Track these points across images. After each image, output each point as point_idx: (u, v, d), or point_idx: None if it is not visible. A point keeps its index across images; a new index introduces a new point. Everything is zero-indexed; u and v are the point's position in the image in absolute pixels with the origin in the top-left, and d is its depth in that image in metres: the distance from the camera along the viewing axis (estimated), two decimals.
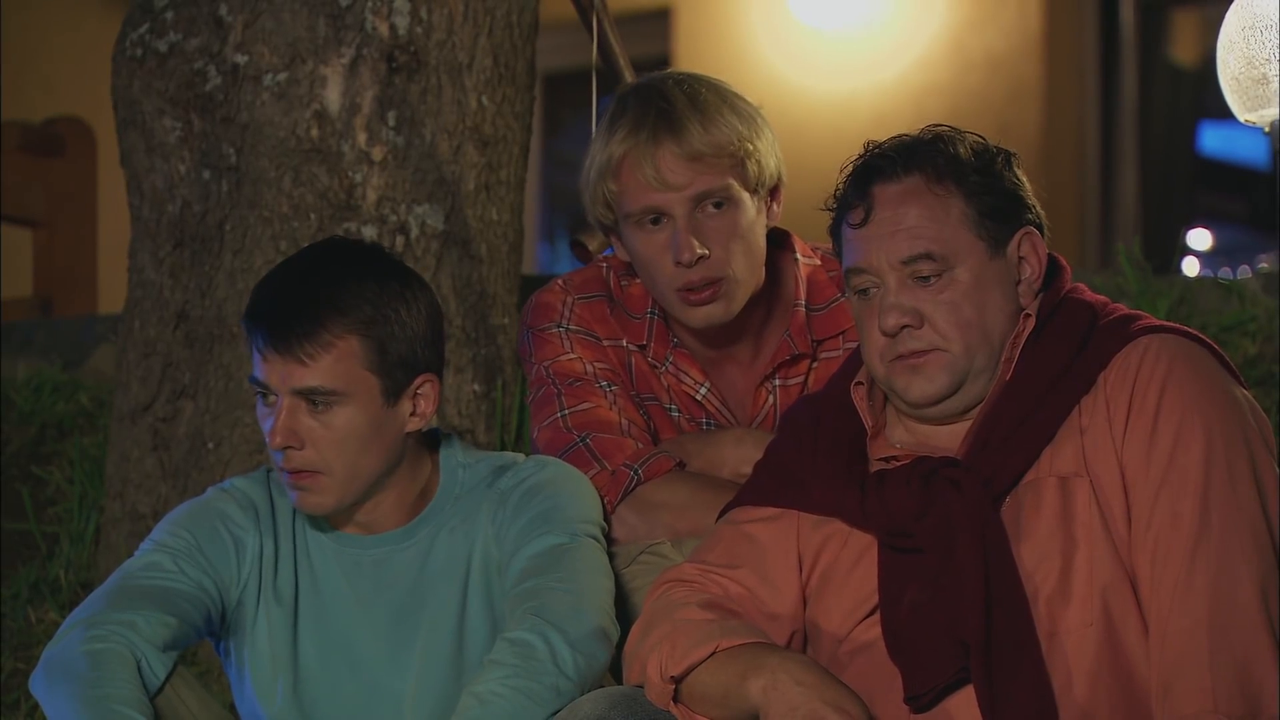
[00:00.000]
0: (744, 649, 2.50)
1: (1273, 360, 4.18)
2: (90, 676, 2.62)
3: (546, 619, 2.66)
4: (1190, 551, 2.43)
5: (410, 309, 2.78)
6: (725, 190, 3.02)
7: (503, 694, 2.58)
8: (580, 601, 2.71)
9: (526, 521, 2.82)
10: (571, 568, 2.76)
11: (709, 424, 3.15)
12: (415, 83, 3.77)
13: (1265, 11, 3.31)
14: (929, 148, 2.58)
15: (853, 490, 2.58)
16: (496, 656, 2.63)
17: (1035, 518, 2.51)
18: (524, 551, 2.79)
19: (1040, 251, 2.59)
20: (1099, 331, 2.57)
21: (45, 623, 4.00)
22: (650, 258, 3.05)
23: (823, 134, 7.96)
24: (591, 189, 3.08)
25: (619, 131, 3.04)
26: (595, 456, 3.03)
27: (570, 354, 3.14)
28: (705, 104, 3.03)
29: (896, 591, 2.52)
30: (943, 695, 2.48)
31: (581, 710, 2.52)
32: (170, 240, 3.80)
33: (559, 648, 2.63)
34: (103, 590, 2.77)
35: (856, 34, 8.31)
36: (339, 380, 2.72)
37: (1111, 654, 2.46)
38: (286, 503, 2.85)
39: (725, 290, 3.03)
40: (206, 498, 2.88)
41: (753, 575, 2.64)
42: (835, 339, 3.14)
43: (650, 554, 2.94)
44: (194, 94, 3.76)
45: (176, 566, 2.78)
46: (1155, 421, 2.49)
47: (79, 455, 4.45)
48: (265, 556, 2.83)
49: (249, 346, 2.77)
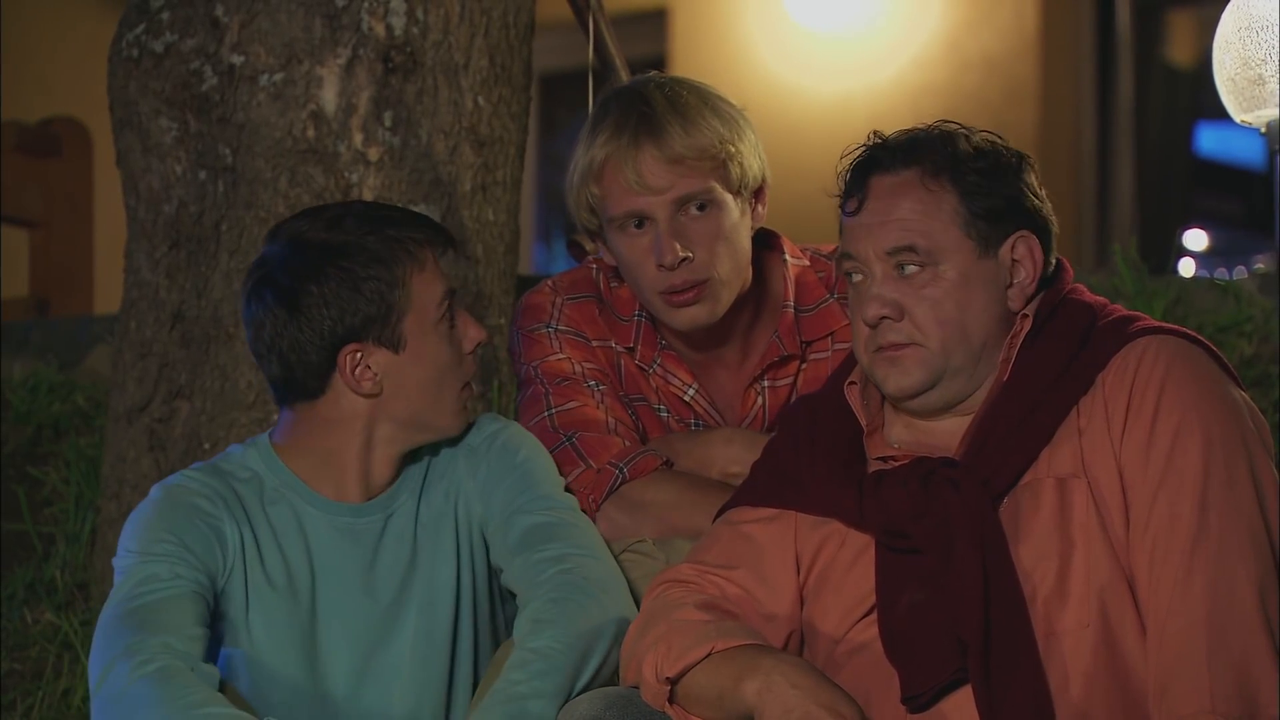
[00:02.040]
0: (739, 651, 2.50)
1: (1269, 360, 4.18)
2: (165, 694, 2.58)
3: (588, 578, 2.74)
4: (1188, 552, 2.43)
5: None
6: (707, 193, 3.02)
7: (560, 650, 2.64)
8: (611, 572, 2.80)
9: (514, 481, 2.89)
10: (590, 539, 2.85)
11: (698, 425, 3.16)
12: (411, 83, 3.76)
13: (1262, 12, 3.31)
14: (930, 143, 2.59)
15: (850, 490, 2.58)
16: (544, 615, 2.69)
17: (1033, 518, 2.51)
18: (525, 511, 2.86)
19: (1036, 256, 2.58)
20: (1098, 332, 2.57)
21: (41, 623, 4.00)
22: (634, 261, 3.05)
23: (819, 135, 7.96)
24: (575, 193, 3.09)
25: (600, 136, 3.05)
26: (581, 455, 3.04)
27: (559, 354, 3.14)
28: (686, 106, 3.03)
29: (894, 592, 2.52)
30: (940, 696, 2.48)
31: (577, 710, 2.53)
32: (166, 240, 3.80)
33: (604, 609, 2.71)
34: (113, 619, 2.70)
35: (853, 35, 8.31)
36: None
37: (1108, 655, 2.46)
38: (249, 489, 2.85)
39: (709, 292, 3.03)
40: (166, 496, 2.83)
41: (750, 576, 2.64)
42: (824, 340, 3.14)
43: (632, 552, 2.94)
44: (190, 94, 3.76)
45: (174, 574, 2.75)
46: (1153, 422, 2.49)
47: (75, 456, 4.45)
48: (246, 545, 2.82)
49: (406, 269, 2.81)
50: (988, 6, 8.13)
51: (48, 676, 3.82)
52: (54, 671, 3.85)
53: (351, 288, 2.80)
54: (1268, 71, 3.27)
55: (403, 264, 2.82)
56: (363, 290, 2.80)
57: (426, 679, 2.84)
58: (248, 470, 2.87)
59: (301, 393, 2.85)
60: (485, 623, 2.91)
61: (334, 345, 2.81)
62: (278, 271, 2.83)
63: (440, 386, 2.85)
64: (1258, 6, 3.32)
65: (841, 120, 8.08)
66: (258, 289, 2.83)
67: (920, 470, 2.54)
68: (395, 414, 2.85)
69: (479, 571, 2.90)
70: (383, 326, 2.81)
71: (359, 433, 2.85)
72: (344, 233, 2.83)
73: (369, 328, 2.81)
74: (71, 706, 3.76)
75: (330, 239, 2.82)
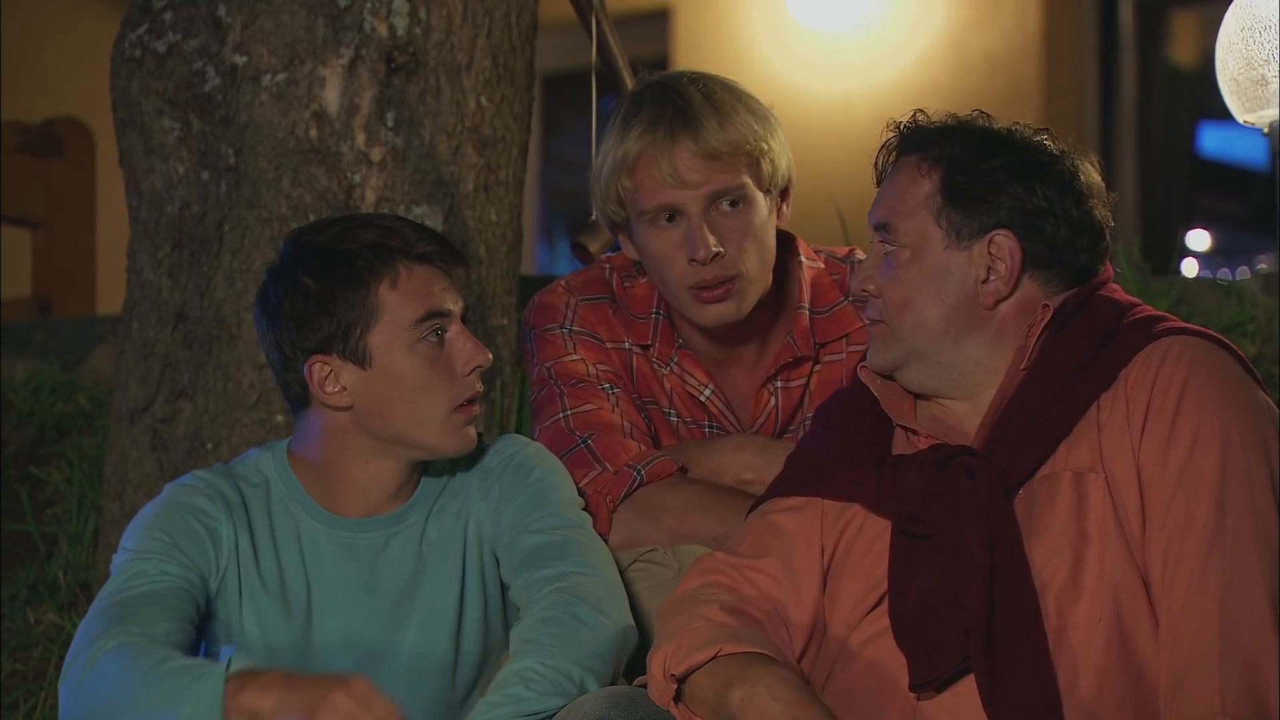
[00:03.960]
0: (740, 657, 2.51)
1: (1272, 361, 4.17)
2: (129, 660, 2.58)
3: (582, 597, 2.70)
4: (1204, 553, 2.44)
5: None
6: (740, 189, 3.03)
7: (543, 673, 2.61)
8: (610, 588, 2.76)
9: (525, 500, 2.85)
10: (595, 555, 2.81)
11: (711, 426, 3.15)
12: (414, 83, 3.76)
13: (1264, 12, 3.30)
14: (937, 132, 2.64)
15: (872, 472, 2.61)
16: (532, 636, 2.66)
17: (1049, 512, 2.52)
18: (531, 531, 2.82)
19: (1015, 257, 2.59)
20: (1123, 330, 2.58)
21: (44, 624, 4.00)
22: (663, 256, 3.05)
23: (821, 135, 7.95)
24: (604, 185, 3.08)
25: (635, 128, 3.04)
26: (597, 458, 3.03)
27: (573, 355, 3.14)
28: (721, 103, 3.04)
29: (905, 577, 2.53)
30: (948, 684, 2.48)
31: (582, 710, 2.53)
32: (169, 241, 3.80)
33: (596, 628, 2.67)
34: (93, 615, 2.71)
35: (855, 35, 8.31)
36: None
37: (1120, 651, 2.46)
38: (257, 493, 2.84)
39: (738, 289, 3.04)
40: (169, 496, 2.84)
41: (779, 564, 2.66)
42: (839, 342, 3.15)
43: (645, 561, 2.94)
44: (193, 94, 3.76)
45: (159, 570, 2.75)
46: (1174, 422, 2.49)
47: (78, 456, 4.45)
48: (242, 547, 2.81)
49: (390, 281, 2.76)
50: (990, 7, 8.13)
51: (50, 677, 3.82)
52: (56, 672, 3.84)
53: (313, 299, 2.75)
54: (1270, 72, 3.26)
55: (367, 278, 2.75)
56: (323, 303, 2.75)
57: (425, 696, 2.83)
58: (260, 475, 2.87)
59: (295, 401, 2.84)
60: (498, 642, 2.88)
61: (300, 356, 2.78)
62: (266, 278, 2.83)
63: (418, 406, 2.77)
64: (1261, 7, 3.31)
65: (843, 121, 8.07)
66: (258, 293, 2.84)
67: (938, 456, 2.55)
68: (375, 430, 2.80)
69: (490, 592, 2.87)
70: (345, 340, 2.75)
71: (346, 446, 2.82)
72: (320, 243, 2.79)
73: (332, 341, 2.76)
74: None
75: (303, 250, 2.79)
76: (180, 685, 2.52)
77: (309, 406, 2.83)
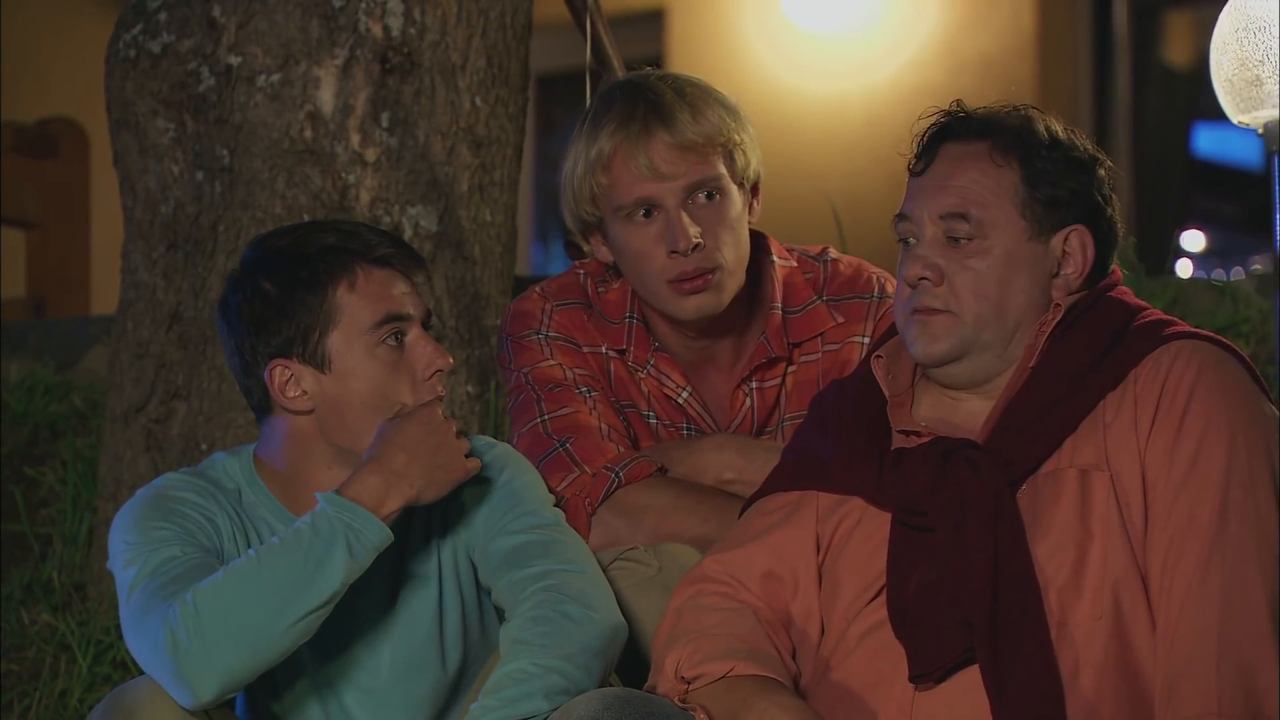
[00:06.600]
0: (750, 681, 2.53)
1: (1266, 362, 4.18)
2: (234, 573, 2.59)
3: (569, 595, 2.68)
4: (1204, 556, 2.45)
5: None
6: (716, 181, 3.04)
7: (536, 673, 2.59)
8: (595, 584, 2.73)
9: (498, 501, 2.81)
10: (577, 552, 2.77)
11: (689, 428, 3.15)
12: (409, 84, 3.76)
13: (1259, 13, 3.30)
14: (1008, 121, 2.64)
15: (872, 464, 2.61)
16: (522, 636, 2.64)
17: (1053, 508, 2.52)
18: (509, 532, 2.79)
19: (1088, 253, 2.62)
20: (1133, 331, 2.60)
21: (39, 624, 3.99)
22: (641, 251, 3.05)
23: (815, 135, 7.96)
24: (577, 185, 3.08)
25: (608, 125, 3.04)
26: (575, 461, 3.03)
27: (550, 360, 3.14)
28: (692, 96, 3.06)
29: (905, 569, 2.54)
30: (945, 676, 2.49)
31: (576, 710, 2.52)
32: (163, 241, 3.80)
33: (586, 624, 2.65)
34: (141, 607, 2.63)
35: (849, 35, 8.31)
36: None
37: (1119, 648, 2.47)
38: (230, 497, 2.80)
39: (717, 280, 3.04)
40: (156, 492, 2.78)
41: (776, 560, 2.66)
42: (813, 341, 3.14)
43: (625, 560, 2.93)
44: (187, 95, 3.76)
45: (185, 552, 2.69)
46: (1181, 424, 2.51)
47: (72, 456, 4.45)
48: (238, 535, 2.78)
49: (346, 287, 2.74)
50: (985, 7, 8.13)
51: (45, 677, 3.82)
52: (51, 672, 3.84)
53: (272, 303, 2.73)
54: (1265, 72, 3.26)
55: (325, 281, 2.72)
56: (282, 306, 2.73)
57: (410, 697, 2.82)
58: (231, 480, 2.82)
59: (258, 408, 2.81)
60: (477, 642, 2.87)
61: (261, 361, 2.75)
62: (226, 284, 2.80)
63: (379, 410, 2.73)
64: (1255, 7, 3.31)
65: (838, 121, 8.08)
66: (219, 300, 2.81)
67: (941, 449, 2.56)
68: (336, 435, 2.76)
69: (467, 594, 2.85)
70: (304, 344, 2.73)
71: (309, 452, 2.78)
72: (280, 247, 2.76)
73: (292, 345, 2.73)
74: (68, 707, 3.75)
75: (263, 254, 2.77)
76: (308, 548, 2.60)
77: (272, 412, 2.78)
